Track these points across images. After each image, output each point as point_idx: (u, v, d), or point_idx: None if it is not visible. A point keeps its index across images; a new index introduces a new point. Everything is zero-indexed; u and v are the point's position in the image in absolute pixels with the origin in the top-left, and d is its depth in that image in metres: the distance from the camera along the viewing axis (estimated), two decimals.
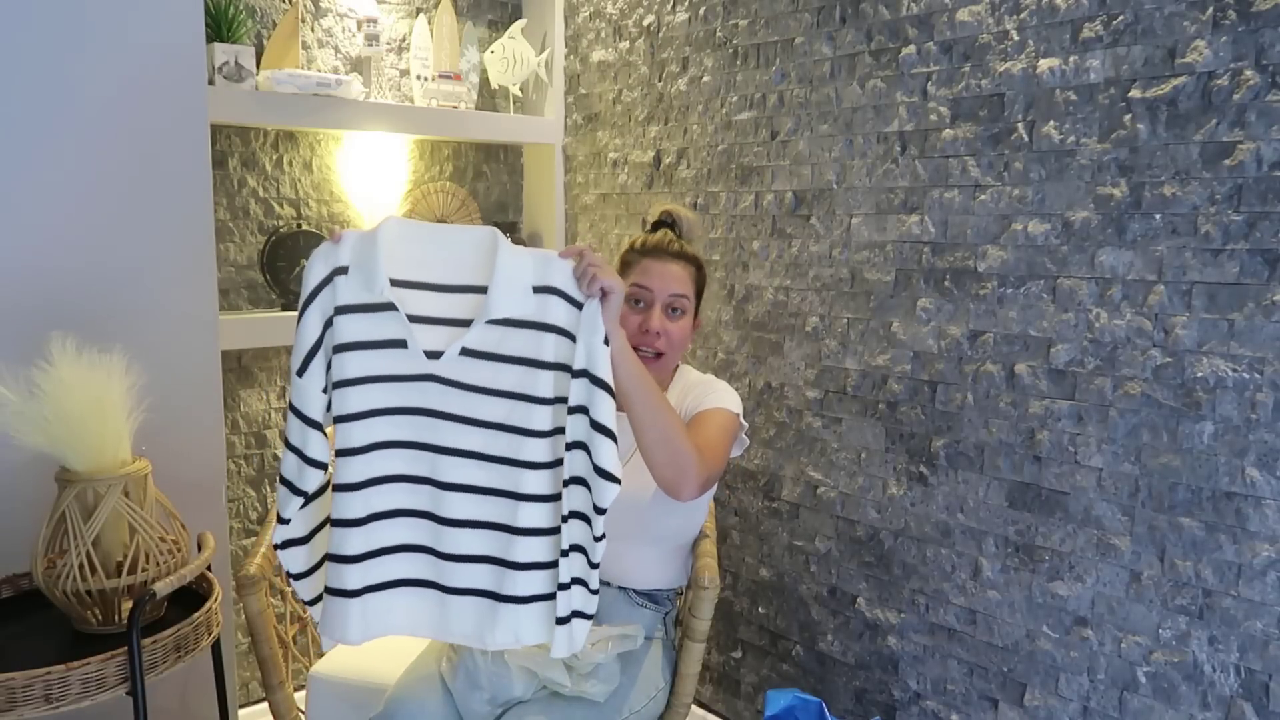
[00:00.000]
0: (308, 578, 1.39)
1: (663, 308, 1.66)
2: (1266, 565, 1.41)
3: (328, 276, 1.31)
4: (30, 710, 1.30)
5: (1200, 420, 1.47)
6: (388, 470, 1.34)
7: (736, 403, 1.67)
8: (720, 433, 1.60)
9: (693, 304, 1.70)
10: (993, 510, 1.74)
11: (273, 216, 2.34)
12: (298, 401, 1.32)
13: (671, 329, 1.66)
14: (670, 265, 1.67)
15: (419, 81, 2.44)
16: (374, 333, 1.31)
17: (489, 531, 1.33)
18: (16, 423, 1.42)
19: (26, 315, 1.66)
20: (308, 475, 1.33)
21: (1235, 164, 1.42)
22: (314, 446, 1.32)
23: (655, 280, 1.66)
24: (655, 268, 1.67)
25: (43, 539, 1.45)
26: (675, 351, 1.70)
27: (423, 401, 1.33)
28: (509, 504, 1.32)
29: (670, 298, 1.66)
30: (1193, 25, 1.45)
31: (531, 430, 1.32)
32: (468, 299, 1.32)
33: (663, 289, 1.66)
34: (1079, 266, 1.60)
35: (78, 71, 1.71)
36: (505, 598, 1.32)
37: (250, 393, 2.33)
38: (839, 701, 2.03)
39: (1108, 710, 1.60)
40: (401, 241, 1.32)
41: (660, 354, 1.66)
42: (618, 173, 2.51)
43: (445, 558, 1.34)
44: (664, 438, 1.41)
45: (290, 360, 1.34)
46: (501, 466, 1.33)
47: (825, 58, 1.97)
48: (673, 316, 1.67)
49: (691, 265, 1.70)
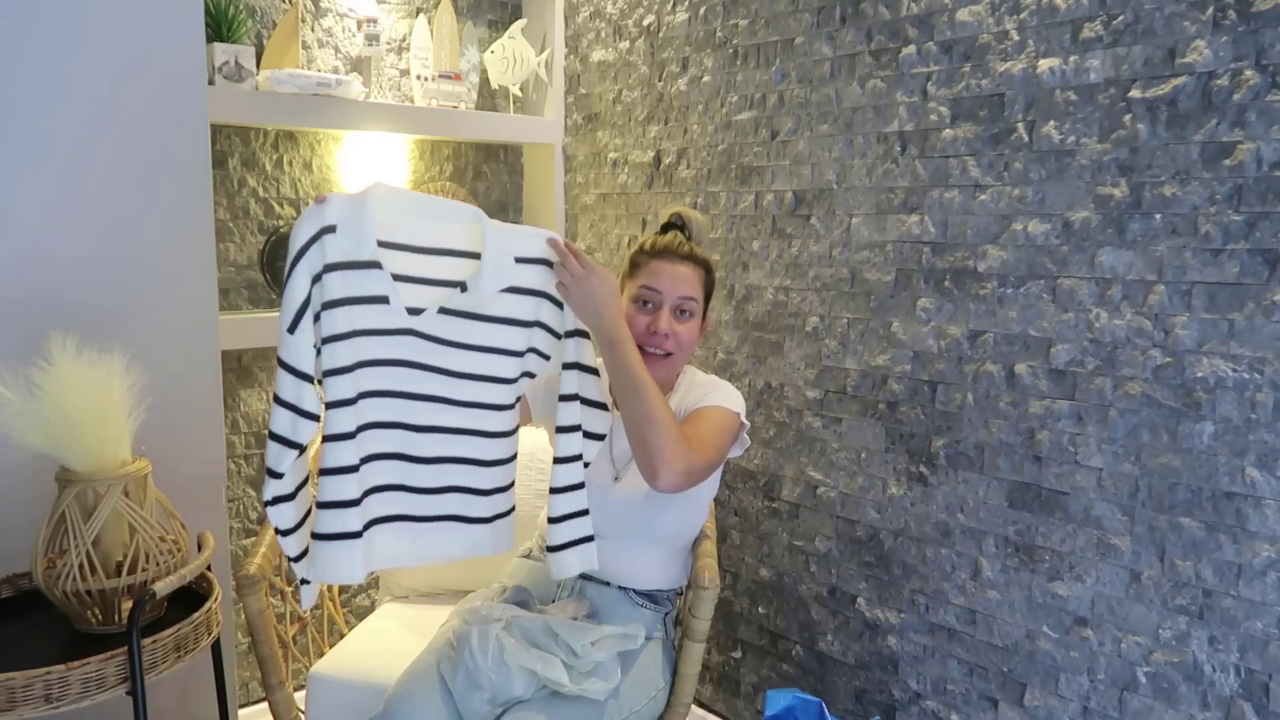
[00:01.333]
0: (294, 533, 1.46)
1: (671, 310, 1.66)
2: (1266, 565, 1.41)
3: (315, 235, 1.38)
4: (30, 710, 1.30)
5: (1200, 420, 1.47)
6: (373, 418, 1.46)
7: (738, 403, 1.68)
8: (714, 428, 1.61)
9: (701, 306, 1.70)
10: (993, 510, 1.74)
11: (273, 216, 2.34)
12: (289, 357, 1.39)
13: (680, 330, 1.66)
14: (679, 267, 1.67)
15: (419, 81, 2.44)
16: (359, 289, 1.40)
17: (458, 466, 1.52)
18: (16, 423, 1.42)
19: (26, 315, 1.66)
20: (302, 427, 1.40)
21: (1235, 164, 1.42)
22: (308, 399, 1.40)
23: (664, 282, 1.66)
24: (665, 269, 1.67)
25: (43, 539, 1.45)
26: (684, 353, 1.70)
27: (402, 354, 1.45)
28: (476, 441, 1.52)
29: (679, 300, 1.66)
30: (1193, 25, 1.45)
31: (498, 378, 1.51)
32: (452, 262, 1.46)
33: (671, 291, 1.66)
34: (1079, 266, 1.60)
35: (78, 71, 1.71)
36: (472, 519, 1.54)
37: (250, 393, 2.33)
38: (839, 701, 2.03)
39: (1108, 710, 1.60)
40: (388, 205, 1.42)
41: (669, 354, 1.67)
42: (618, 173, 2.51)
43: (420, 491, 1.50)
44: (644, 417, 1.49)
45: (280, 319, 1.39)
46: (469, 410, 1.50)
47: (825, 58, 1.97)
48: (681, 318, 1.67)
49: (700, 268, 1.70)
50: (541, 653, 1.51)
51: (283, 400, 1.39)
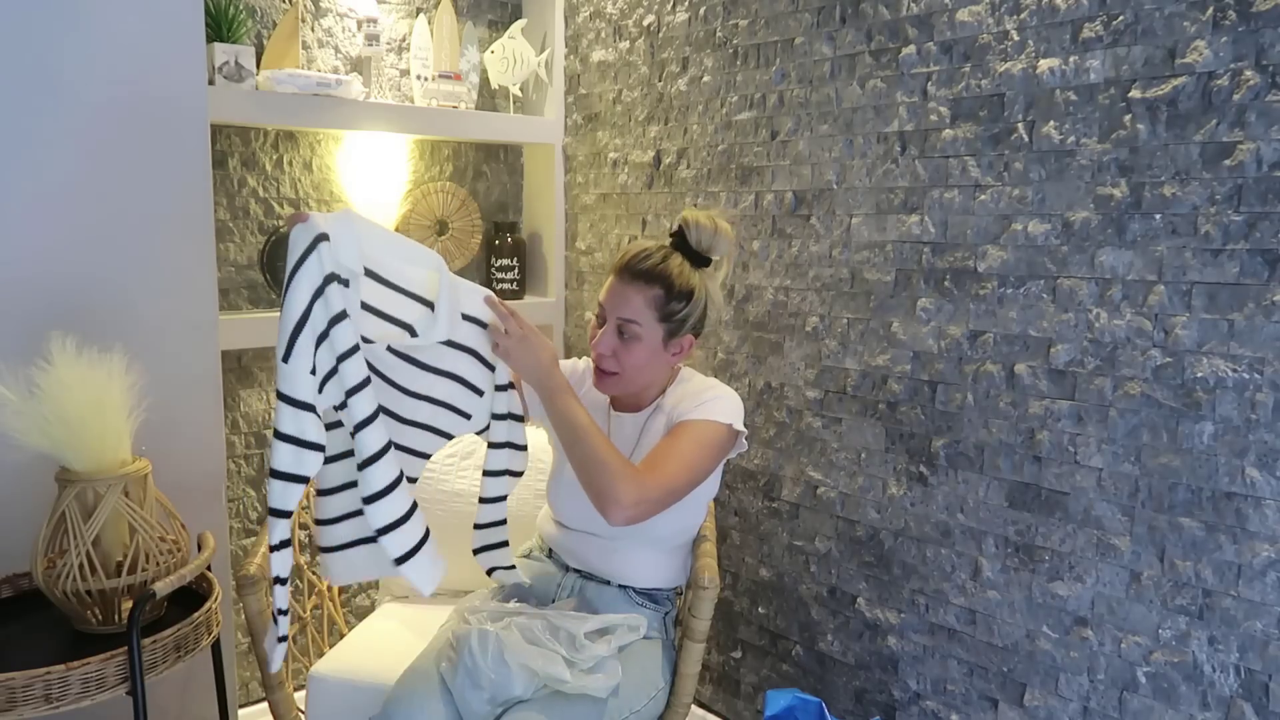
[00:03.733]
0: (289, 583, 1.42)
1: (615, 328, 1.63)
2: (1266, 565, 1.41)
3: (312, 243, 1.32)
4: (30, 710, 1.30)
5: (1200, 420, 1.47)
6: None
7: (731, 411, 1.62)
8: (689, 446, 1.57)
9: (650, 329, 1.61)
10: (993, 510, 1.74)
11: (273, 216, 2.34)
12: (286, 388, 1.33)
13: (623, 351, 1.62)
14: (627, 287, 1.61)
15: (419, 81, 2.44)
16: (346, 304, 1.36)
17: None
18: (16, 423, 1.42)
19: (26, 315, 1.66)
20: (307, 460, 1.34)
21: (1235, 164, 1.42)
22: (310, 430, 1.34)
23: (610, 299, 1.63)
24: (615, 287, 1.63)
25: (43, 539, 1.45)
26: (631, 373, 1.64)
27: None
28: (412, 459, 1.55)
29: (618, 320, 1.62)
30: (1193, 25, 1.45)
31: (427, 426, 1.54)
32: (409, 304, 1.46)
33: (612, 310, 1.62)
34: (1079, 266, 1.60)
35: (77, 71, 1.71)
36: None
37: (250, 393, 2.33)
38: (839, 701, 2.03)
39: (1108, 710, 1.60)
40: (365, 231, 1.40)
41: (615, 373, 1.64)
42: (618, 173, 2.51)
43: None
44: (585, 459, 1.50)
45: (275, 348, 1.33)
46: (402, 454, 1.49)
47: (825, 58, 1.97)
48: (623, 339, 1.62)
49: (657, 286, 1.60)
50: (542, 650, 1.50)
51: (283, 434, 1.32)
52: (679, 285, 1.62)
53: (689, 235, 1.66)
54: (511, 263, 2.65)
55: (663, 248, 1.65)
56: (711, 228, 1.66)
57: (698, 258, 1.66)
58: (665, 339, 1.64)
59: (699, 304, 1.65)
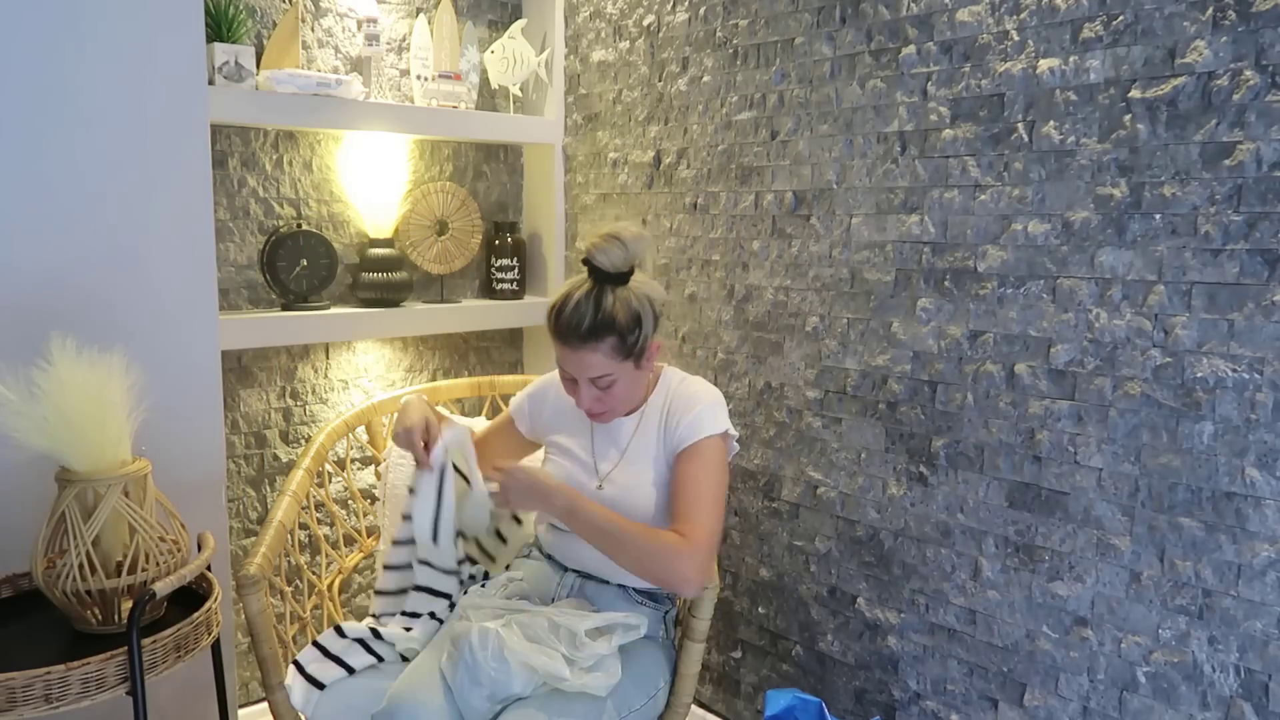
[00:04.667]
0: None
1: (589, 385, 1.62)
2: (1266, 565, 1.41)
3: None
4: (30, 710, 1.30)
5: (1200, 420, 1.47)
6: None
7: (720, 418, 1.65)
8: (705, 478, 1.60)
9: (621, 369, 1.61)
10: (993, 510, 1.74)
11: (273, 216, 2.34)
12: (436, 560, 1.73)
13: (608, 396, 1.63)
14: (581, 353, 1.59)
15: (419, 81, 2.44)
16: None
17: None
18: (16, 423, 1.42)
19: (26, 315, 1.66)
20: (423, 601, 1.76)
21: (1235, 164, 1.42)
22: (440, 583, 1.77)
23: (571, 366, 1.62)
24: (569, 355, 1.61)
25: (43, 539, 1.45)
26: (626, 405, 1.68)
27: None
28: None
29: (589, 381, 1.62)
30: (1193, 25, 1.45)
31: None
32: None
33: (581, 374, 1.62)
34: (1079, 266, 1.60)
35: (77, 71, 1.71)
36: None
37: (250, 393, 2.33)
38: (839, 701, 2.03)
39: (1108, 710, 1.60)
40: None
41: (606, 410, 1.65)
42: (618, 173, 2.51)
43: None
44: (635, 555, 1.54)
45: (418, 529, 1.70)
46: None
47: (825, 58, 1.97)
48: (604, 388, 1.62)
49: (608, 337, 1.57)
50: (542, 647, 1.51)
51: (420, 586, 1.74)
52: (625, 320, 1.59)
53: (601, 264, 1.60)
54: (511, 263, 2.66)
55: (588, 293, 1.60)
56: (616, 245, 1.60)
57: (620, 276, 1.62)
58: (636, 365, 1.64)
59: (648, 317, 1.62)
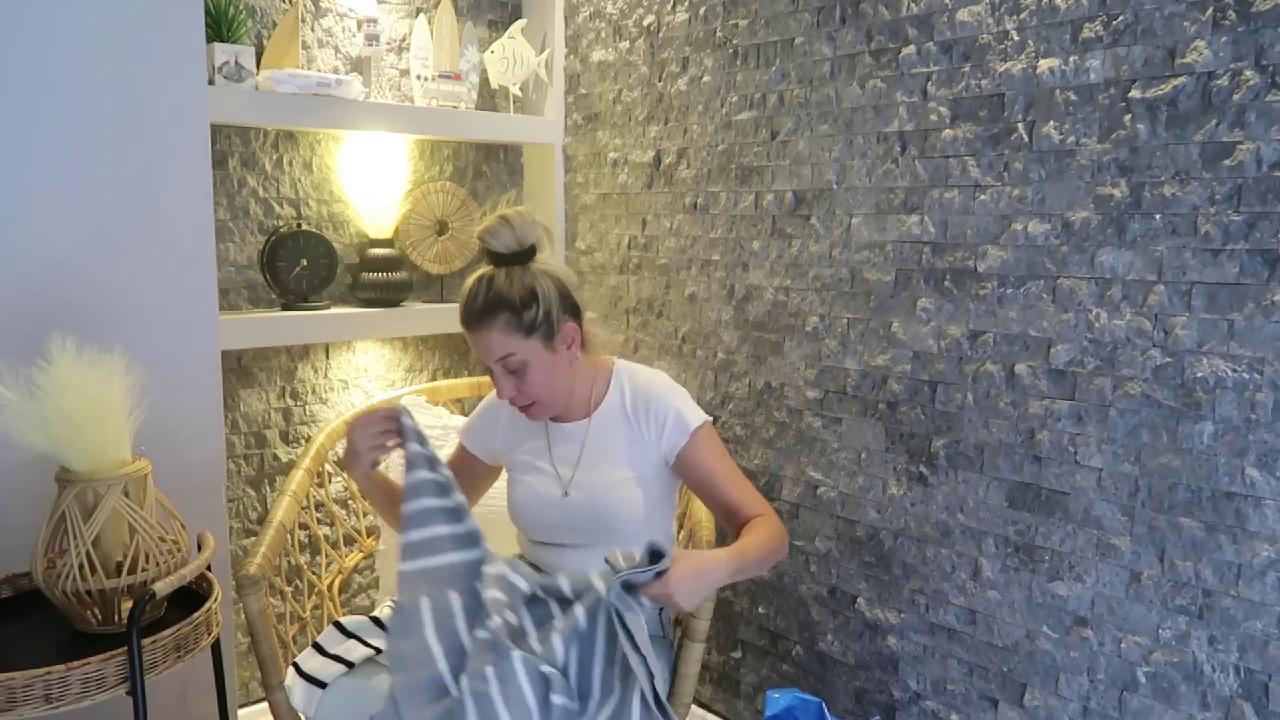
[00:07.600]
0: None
1: (501, 371, 1.61)
2: (1266, 565, 1.41)
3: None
4: (30, 710, 1.30)
5: (1200, 420, 1.47)
6: None
7: (695, 408, 1.70)
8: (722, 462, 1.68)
9: (526, 348, 1.59)
10: (993, 510, 1.74)
11: (273, 216, 2.34)
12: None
13: (523, 383, 1.61)
14: (480, 333, 1.58)
15: (419, 81, 2.44)
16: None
17: None
18: (16, 423, 1.42)
19: (26, 315, 1.66)
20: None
21: (1235, 164, 1.42)
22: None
23: (479, 350, 1.62)
24: (473, 340, 1.62)
25: (43, 539, 1.45)
26: (546, 394, 1.63)
27: None
28: None
29: (498, 363, 1.60)
30: (1193, 25, 1.45)
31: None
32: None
33: (487, 359, 1.61)
34: (1079, 266, 1.60)
35: (77, 71, 1.71)
36: None
37: (250, 393, 2.33)
38: (839, 701, 2.03)
39: (1108, 710, 1.60)
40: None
41: (533, 403, 1.63)
42: (618, 173, 2.51)
43: None
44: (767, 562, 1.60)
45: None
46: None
47: (825, 58, 1.97)
48: (515, 373, 1.60)
49: (501, 313, 1.57)
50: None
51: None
52: (518, 296, 1.58)
53: (493, 246, 1.61)
54: None
55: (481, 276, 1.60)
56: (503, 226, 1.60)
57: (517, 256, 1.61)
58: (545, 345, 1.60)
59: (548, 295, 1.60)
